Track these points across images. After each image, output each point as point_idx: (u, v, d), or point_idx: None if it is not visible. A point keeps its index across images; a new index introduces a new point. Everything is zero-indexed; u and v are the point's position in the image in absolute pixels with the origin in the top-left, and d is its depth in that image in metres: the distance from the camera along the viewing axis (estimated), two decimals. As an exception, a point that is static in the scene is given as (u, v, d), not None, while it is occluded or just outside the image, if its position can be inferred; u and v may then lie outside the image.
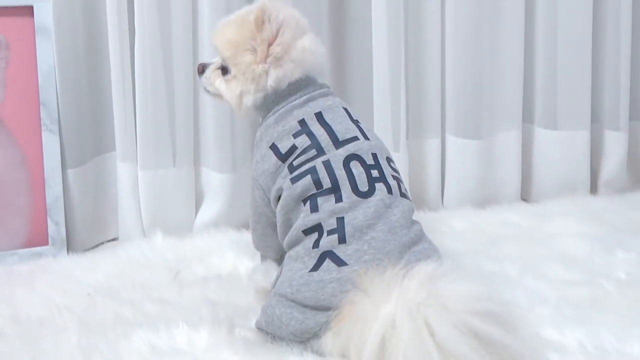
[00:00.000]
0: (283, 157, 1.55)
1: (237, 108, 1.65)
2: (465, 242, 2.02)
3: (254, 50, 1.57)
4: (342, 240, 1.42)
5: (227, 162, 2.18)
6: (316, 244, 1.44)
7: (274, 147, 1.56)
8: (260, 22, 1.53)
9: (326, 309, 1.40)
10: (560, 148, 2.36)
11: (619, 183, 2.42)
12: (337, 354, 1.39)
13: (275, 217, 1.59)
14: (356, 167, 1.49)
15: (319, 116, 1.55)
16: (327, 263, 1.41)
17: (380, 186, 1.49)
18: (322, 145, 1.52)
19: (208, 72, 1.67)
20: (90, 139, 2.16)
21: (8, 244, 2.04)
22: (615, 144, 2.41)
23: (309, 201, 1.48)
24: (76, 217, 2.12)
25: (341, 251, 1.42)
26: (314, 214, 1.47)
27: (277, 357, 1.46)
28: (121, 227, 2.18)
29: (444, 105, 2.32)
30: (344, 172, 1.48)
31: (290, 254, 1.51)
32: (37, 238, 2.06)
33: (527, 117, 2.37)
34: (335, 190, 1.46)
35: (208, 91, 1.71)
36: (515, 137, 2.33)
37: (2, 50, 2.00)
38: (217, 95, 1.69)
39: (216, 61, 1.68)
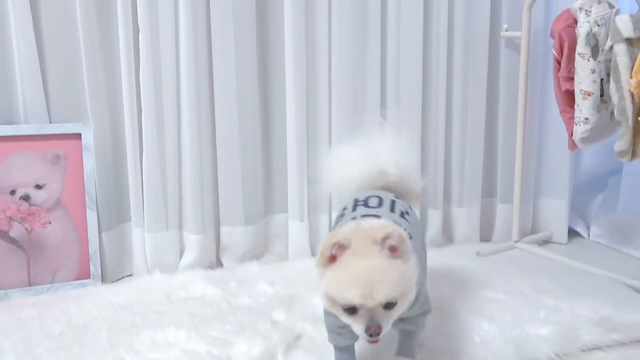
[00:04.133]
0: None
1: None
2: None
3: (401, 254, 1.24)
4: None
5: (199, 228, 2.22)
6: None
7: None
8: (402, 239, 1.24)
9: None
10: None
11: (437, 241, 2.47)
12: None
13: None
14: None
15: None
16: None
17: None
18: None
19: (384, 324, 1.23)
20: (115, 213, 2.20)
21: (66, 278, 2.10)
22: (434, 218, 2.46)
23: None
24: (107, 261, 2.17)
25: None
26: None
27: (227, 344, 1.59)
28: (134, 267, 2.21)
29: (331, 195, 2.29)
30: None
31: None
32: (83, 274, 2.12)
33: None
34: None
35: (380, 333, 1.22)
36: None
37: (62, 160, 2.07)
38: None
39: (363, 316, 1.22)
